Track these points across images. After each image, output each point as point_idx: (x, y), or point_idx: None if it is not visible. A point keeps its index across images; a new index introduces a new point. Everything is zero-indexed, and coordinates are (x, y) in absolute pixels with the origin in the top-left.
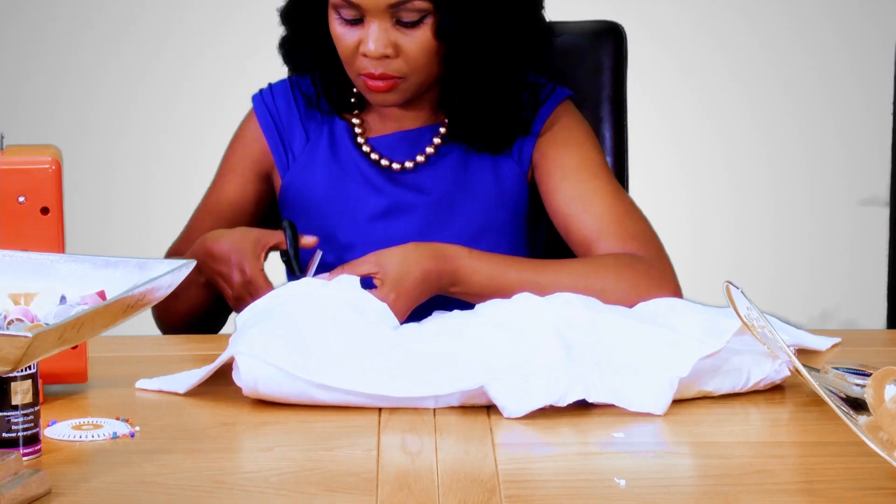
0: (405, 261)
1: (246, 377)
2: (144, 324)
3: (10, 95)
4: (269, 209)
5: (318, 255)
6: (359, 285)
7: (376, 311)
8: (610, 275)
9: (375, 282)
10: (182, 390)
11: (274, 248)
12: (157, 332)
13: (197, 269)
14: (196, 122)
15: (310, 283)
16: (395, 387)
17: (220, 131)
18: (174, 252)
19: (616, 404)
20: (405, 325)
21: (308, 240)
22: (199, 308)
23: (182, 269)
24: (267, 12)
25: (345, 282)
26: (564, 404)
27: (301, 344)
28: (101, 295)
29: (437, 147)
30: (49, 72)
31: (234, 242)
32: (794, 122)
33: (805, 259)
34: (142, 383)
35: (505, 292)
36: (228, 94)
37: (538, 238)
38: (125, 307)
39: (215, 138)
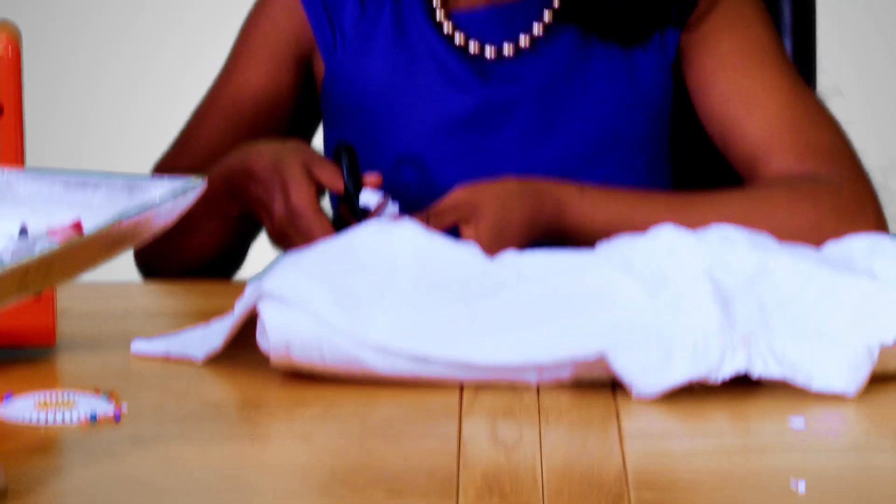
0: (507, 204)
1: (275, 338)
2: (133, 266)
3: None
4: (308, 110)
5: (388, 204)
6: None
7: (461, 251)
8: (781, 209)
9: (465, 230)
10: (200, 356)
11: (322, 184)
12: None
13: (231, 193)
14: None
15: (374, 228)
16: (483, 350)
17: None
18: (166, 168)
19: (791, 381)
20: (499, 263)
21: (371, 177)
22: (219, 248)
23: (189, 191)
24: None
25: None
26: (719, 380)
27: (353, 290)
28: (77, 226)
29: (546, 26)
30: None
31: (280, 160)
32: None
33: None
34: (139, 346)
35: None
36: None
37: (687, 155)
38: (109, 243)
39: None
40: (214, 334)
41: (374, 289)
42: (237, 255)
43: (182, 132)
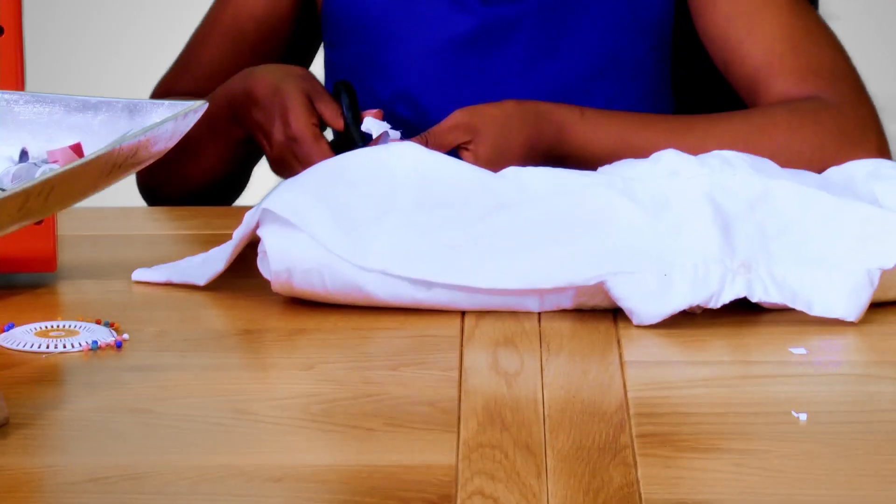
0: (507, 127)
1: (276, 264)
2: (134, 192)
3: None
4: (308, 32)
5: (389, 133)
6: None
7: (461, 167)
8: (781, 132)
9: (464, 154)
10: (202, 281)
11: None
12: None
13: (232, 117)
14: None
15: (373, 149)
16: (483, 274)
17: None
18: (166, 90)
19: (791, 306)
20: (502, 177)
21: (371, 112)
22: (221, 172)
23: (190, 114)
24: None
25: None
26: (718, 306)
27: (352, 210)
28: (77, 149)
29: None
30: None
31: (281, 85)
32: None
33: None
34: (140, 274)
35: None
36: None
37: (689, 78)
38: (110, 167)
39: None
40: (215, 258)
41: (373, 209)
42: (239, 181)
43: (182, 53)
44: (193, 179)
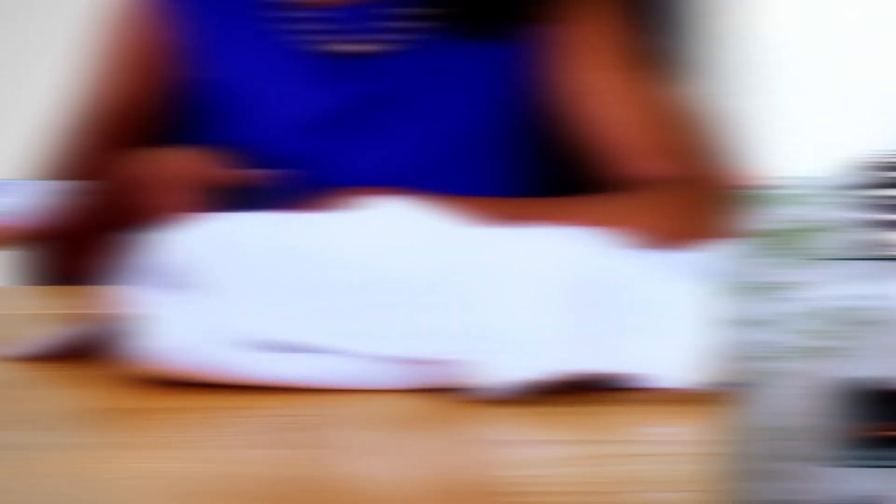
0: None
1: (139, 342)
2: None
3: None
4: (175, 114)
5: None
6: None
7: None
8: (628, 216)
9: None
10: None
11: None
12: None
13: (122, 206)
14: None
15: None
16: (333, 336)
17: None
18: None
19: (630, 378)
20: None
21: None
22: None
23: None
24: None
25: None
26: (560, 378)
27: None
28: None
29: (408, 23)
30: None
31: (165, 165)
32: None
33: None
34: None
35: None
36: None
37: (555, 150)
38: None
39: None
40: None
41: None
42: None
43: (53, 150)
44: (92, 272)
